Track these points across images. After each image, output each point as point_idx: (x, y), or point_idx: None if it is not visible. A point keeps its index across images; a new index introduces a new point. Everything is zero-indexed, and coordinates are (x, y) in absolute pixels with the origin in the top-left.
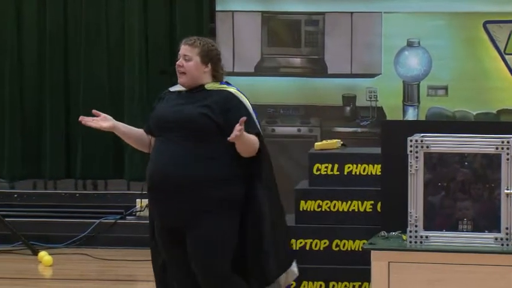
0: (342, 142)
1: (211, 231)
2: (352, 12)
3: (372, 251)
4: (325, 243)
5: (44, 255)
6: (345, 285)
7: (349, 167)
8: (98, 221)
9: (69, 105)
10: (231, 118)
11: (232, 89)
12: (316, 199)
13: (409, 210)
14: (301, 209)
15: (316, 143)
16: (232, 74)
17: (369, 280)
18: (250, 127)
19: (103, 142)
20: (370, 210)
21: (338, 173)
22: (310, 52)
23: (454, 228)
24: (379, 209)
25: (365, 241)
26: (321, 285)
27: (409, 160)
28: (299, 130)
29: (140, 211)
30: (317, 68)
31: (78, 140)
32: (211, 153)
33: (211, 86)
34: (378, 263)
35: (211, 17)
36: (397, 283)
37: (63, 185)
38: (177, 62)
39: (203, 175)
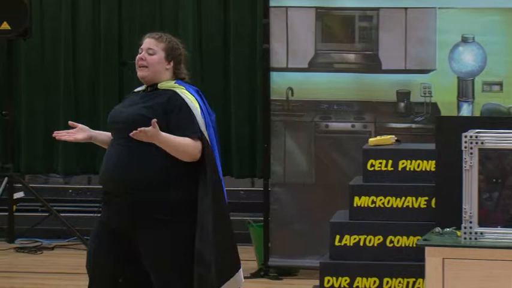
0: (396, 138)
1: (159, 241)
2: (406, 8)
3: (426, 248)
4: (379, 239)
5: None
6: (399, 282)
7: (403, 163)
8: None
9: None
10: (173, 119)
11: (179, 89)
12: (370, 195)
13: (463, 206)
14: (355, 205)
15: (370, 139)
16: (286, 69)
17: (423, 276)
18: (188, 130)
19: None
20: (425, 206)
21: (392, 169)
22: (364, 48)
23: (509, 224)
24: (433, 205)
25: (419, 237)
26: (375, 282)
27: (464, 156)
28: (353, 126)
29: None
30: (371, 64)
31: None
32: (153, 156)
33: (164, 85)
34: (432, 259)
35: (265, 13)
36: (452, 279)
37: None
38: (139, 55)
39: (144, 178)
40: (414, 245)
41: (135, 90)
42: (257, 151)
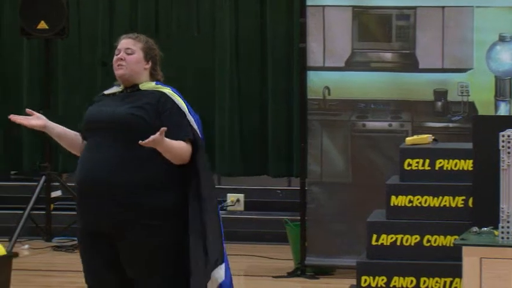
0: (433, 137)
1: (148, 246)
2: (443, 7)
3: (463, 247)
4: (416, 238)
5: None
6: (436, 281)
7: (440, 162)
8: None
9: None
10: (164, 121)
11: (166, 90)
12: (407, 194)
13: (500, 205)
14: (392, 204)
15: (407, 138)
16: (323, 68)
17: (460, 276)
18: (181, 133)
19: None
20: (462, 205)
21: (429, 168)
22: (401, 47)
23: None
24: (470, 205)
25: (456, 237)
26: (411, 281)
27: (501, 155)
28: (390, 125)
29: (231, 205)
30: (408, 63)
31: None
32: (142, 157)
33: (146, 86)
34: (470, 258)
35: (302, 12)
36: (489, 279)
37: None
38: (118, 56)
39: (132, 180)
40: (451, 245)
41: (107, 92)
42: (294, 150)
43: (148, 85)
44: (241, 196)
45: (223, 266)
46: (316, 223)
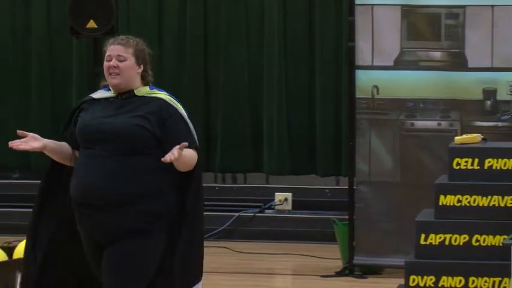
0: (482, 136)
1: (137, 251)
2: (493, 6)
3: None
4: (464, 238)
5: None
6: (485, 281)
7: (489, 162)
8: (237, 214)
9: (208, 99)
10: (168, 130)
11: (164, 96)
12: (456, 194)
13: None
14: (440, 204)
15: (456, 137)
16: (372, 67)
17: (509, 276)
18: (189, 142)
19: (242, 136)
20: (511, 205)
21: (478, 167)
22: (450, 46)
23: None
24: None
25: (505, 236)
26: (460, 281)
27: None
28: (439, 124)
29: (279, 205)
30: (457, 62)
31: (218, 134)
32: (145, 167)
33: (141, 91)
34: None
35: (351, 11)
36: None
37: (203, 178)
38: (110, 63)
39: (135, 191)
40: (500, 244)
41: (96, 97)
42: (342, 149)
43: (143, 90)
44: (289, 195)
45: (199, 284)
46: (365, 222)
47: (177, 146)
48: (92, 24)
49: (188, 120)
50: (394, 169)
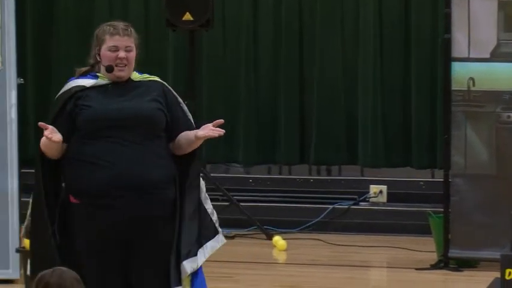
0: None
1: (166, 240)
2: None
3: None
4: None
5: (278, 240)
6: None
7: None
8: (331, 206)
9: (303, 91)
10: (175, 112)
11: (159, 79)
12: None
13: None
14: None
15: None
16: (468, 59)
17: None
18: (191, 123)
19: (337, 129)
20: None
21: None
22: None
23: None
24: None
25: None
26: None
27: None
28: None
29: (374, 197)
30: None
31: (312, 126)
32: (163, 151)
33: (136, 76)
34: None
35: (447, 2)
36: None
37: (297, 170)
38: (119, 54)
39: (161, 176)
40: None
41: (89, 85)
42: (437, 142)
43: (136, 75)
44: (384, 188)
45: (196, 258)
46: (460, 215)
47: (209, 125)
48: (188, 16)
49: (183, 103)
50: (489, 162)
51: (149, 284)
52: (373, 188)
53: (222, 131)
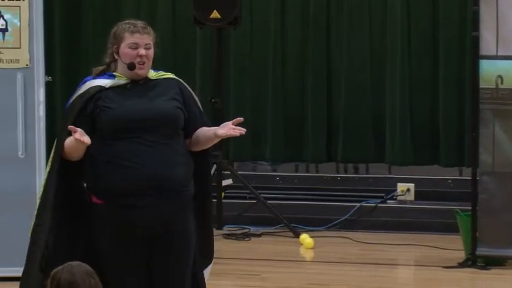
0: None
1: (191, 238)
2: None
3: None
4: None
5: (305, 238)
6: None
7: None
8: (358, 204)
9: (330, 88)
10: (190, 108)
11: (174, 76)
12: None
13: None
14: None
15: None
16: (496, 57)
17: None
18: (206, 119)
19: (364, 127)
20: None
21: None
22: None
23: None
24: None
25: None
26: None
27: None
28: None
29: (401, 195)
30: None
31: (340, 124)
32: (182, 148)
33: (153, 74)
34: None
35: (475, 0)
36: None
37: (324, 168)
38: (140, 52)
39: (184, 174)
40: None
41: (108, 86)
42: (465, 140)
43: (153, 73)
44: (411, 186)
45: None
46: (488, 213)
47: (229, 123)
48: (215, 14)
49: (197, 99)
50: None
51: (173, 281)
52: (401, 186)
53: (243, 130)
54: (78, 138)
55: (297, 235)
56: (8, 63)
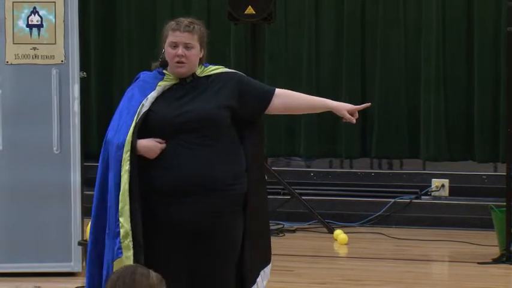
0: None
1: (234, 239)
2: None
3: None
4: None
5: (339, 234)
6: None
7: None
8: (393, 200)
9: (365, 85)
10: (245, 91)
11: (222, 68)
12: None
13: None
14: None
15: None
16: None
17: None
18: (267, 90)
19: (399, 122)
20: None
21: None
22: None
23: None
24: None
25: None
26: None
27: None
28: None
29: (436, 191)
30: None
31: (374, 119)
32: (228, 148)
33: (201, 72)
34: None
35: None
36: None
37: (358, 164)
38: (178, 52)
39: (226, 173)
40: None
41: (168, 86)
42: (500, 135)
43: (202, 70)
44: (446, 181)
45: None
46: None
47: (356, 108)
48: (250, 10)
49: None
50: None
51: (213, 281)
52: (435, 182)
53: (353, 120)
54: (161, 145)
55: (331, 231)
56: (43, 59)
